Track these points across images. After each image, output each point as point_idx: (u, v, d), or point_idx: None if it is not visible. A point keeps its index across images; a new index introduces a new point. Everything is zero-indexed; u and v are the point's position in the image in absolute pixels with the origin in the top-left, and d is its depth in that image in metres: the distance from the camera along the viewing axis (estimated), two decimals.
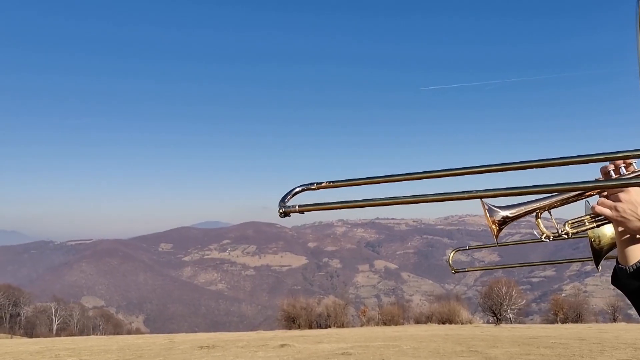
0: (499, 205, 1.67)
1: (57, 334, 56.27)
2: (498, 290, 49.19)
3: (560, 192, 1.66)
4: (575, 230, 1.85)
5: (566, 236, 1.87)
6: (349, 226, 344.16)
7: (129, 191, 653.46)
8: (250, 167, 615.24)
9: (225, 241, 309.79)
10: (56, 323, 63.25)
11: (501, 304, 48.60)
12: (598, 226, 1.84)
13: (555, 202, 1.72)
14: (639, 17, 1.02)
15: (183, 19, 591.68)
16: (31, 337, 49.81)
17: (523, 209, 1.75)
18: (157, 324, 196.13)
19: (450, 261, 2.95)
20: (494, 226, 1.79)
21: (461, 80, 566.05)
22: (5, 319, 59.92)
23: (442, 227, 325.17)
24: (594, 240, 1.97)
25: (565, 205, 1.78)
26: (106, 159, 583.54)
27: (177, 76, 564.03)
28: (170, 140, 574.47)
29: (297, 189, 1.36)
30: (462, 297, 71.23)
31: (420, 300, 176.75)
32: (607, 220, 1.69)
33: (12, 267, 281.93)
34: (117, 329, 71.52)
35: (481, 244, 3.22)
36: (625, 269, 1.65)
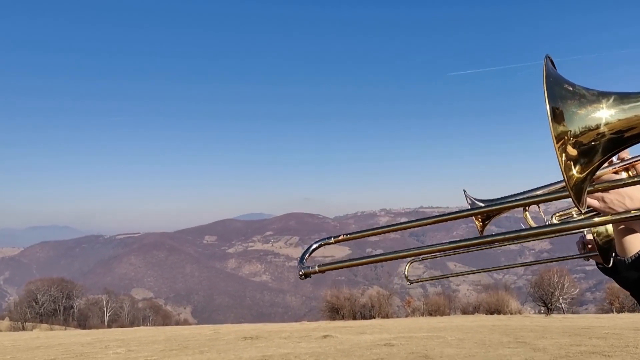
0: (483, 199, 1.49)
1: (109, 325, 58.00)
2: (549, 279, 47.66)
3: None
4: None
5: None
6: (392, 215, 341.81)
7: (173, 186, 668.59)
8: (292, 159, 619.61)
9: (268, 233, 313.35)
10: (107, 314, 65.17)
11: (552, 293, 47.07)
12: (586, 218, 1.59)
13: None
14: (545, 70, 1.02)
15: (233, 20, 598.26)
16: (84, 328, 51.45)
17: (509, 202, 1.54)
18: (204, 315, 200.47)
19: (406, 272, 2.85)
20: (477, 222, 1.71)
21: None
22: (60, 311, 62.15)
23: None
24: (598, 236, 1.88)
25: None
26: (152, 156, 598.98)
27: (225, 76, 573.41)
28: (213, 137, 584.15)
29: (315, 246, 1.37)
30: (511, 286, 69.49)
31: (467, 290, 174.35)
32: (596, 212, 1.57)
33: (64, 261, 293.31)
34: (166, 319, 73.09)
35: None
36: (624, 260, 1.57)
